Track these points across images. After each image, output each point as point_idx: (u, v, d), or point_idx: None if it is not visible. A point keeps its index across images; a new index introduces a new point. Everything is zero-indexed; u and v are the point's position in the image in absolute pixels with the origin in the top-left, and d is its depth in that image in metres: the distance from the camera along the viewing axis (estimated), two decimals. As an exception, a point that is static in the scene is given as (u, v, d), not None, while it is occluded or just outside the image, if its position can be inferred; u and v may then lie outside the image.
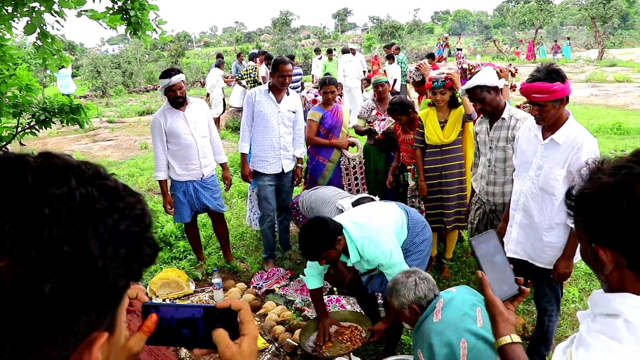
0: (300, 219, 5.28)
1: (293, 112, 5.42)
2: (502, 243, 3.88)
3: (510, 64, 5.30)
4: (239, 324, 1.02)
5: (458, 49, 27.85)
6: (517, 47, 36.05)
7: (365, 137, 6.25)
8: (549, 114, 3.15)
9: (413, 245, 3.87)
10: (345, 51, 15.67)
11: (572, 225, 3.23)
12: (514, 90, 5.08)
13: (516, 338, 1.62)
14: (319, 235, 3.46)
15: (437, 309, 2.81)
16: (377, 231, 3.63)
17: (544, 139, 3.26)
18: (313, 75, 14.58)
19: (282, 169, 5.47)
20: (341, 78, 14.10)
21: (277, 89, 5.28)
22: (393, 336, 3.92)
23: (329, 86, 5.67)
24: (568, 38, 37.46)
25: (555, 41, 32.01)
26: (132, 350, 0.97)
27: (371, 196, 4.65)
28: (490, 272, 1.68)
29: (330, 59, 15.98)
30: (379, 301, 4.49)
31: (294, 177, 5.65)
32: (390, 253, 3.56)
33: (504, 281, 1.70)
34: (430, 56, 14.25)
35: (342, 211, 4.38)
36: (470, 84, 4.03)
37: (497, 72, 4.57)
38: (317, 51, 17.17)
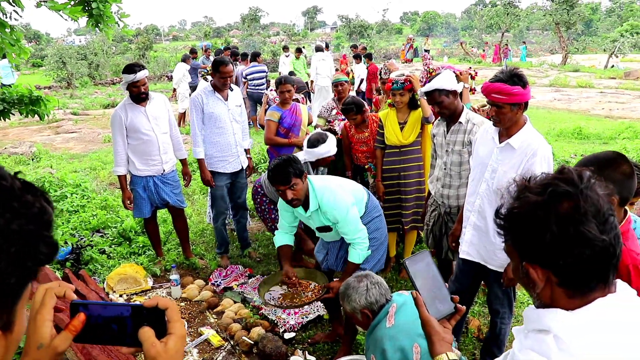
0: (266, 207, 5.28)
1: (239, 106, 5.49)
2: (451, 252, 3.95)
3: (470, 67, 5.36)
4: (167, 322, 1.03)
5: (425, 51, 28.05)
6: (484, 50, 36.51)
7: None
8: (506, 116, 3.19)
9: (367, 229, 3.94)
10: (319, 49, 15.49)
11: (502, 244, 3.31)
12: (473, 94, 5.15)
13: (453, 356, 1.63)
14: (290, 164, 3.64)
15: (390, 314, 2.83)
16: (338, 186, 3.83)
17: (500, 143, 3.31)
18: (280, 73, 14.49)
19: (242, 166, 5.52)
20: (314, 76, 14.01)
21: (219, 87, 5.30)
22: (349, 336, 3.96)
23: (285, 85, 5.68)
24: (524, 42, 38.01)
25: (506, 44, 32.36)
26: (57, 349, 0.97)
27: None
28: (424, 292, 1.71)
29: (297, 58, 15.89)
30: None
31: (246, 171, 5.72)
32: (347, 209, 3.68)
33: (439, 300, 1.72)
34: (368, 56, 14.43)
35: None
36: (428, 87, 4.07)
37: (456, 75, 4.63)
38: (286, 49, 17.02)
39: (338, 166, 5.66)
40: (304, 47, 19.32)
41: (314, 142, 4.83)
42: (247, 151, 5.65)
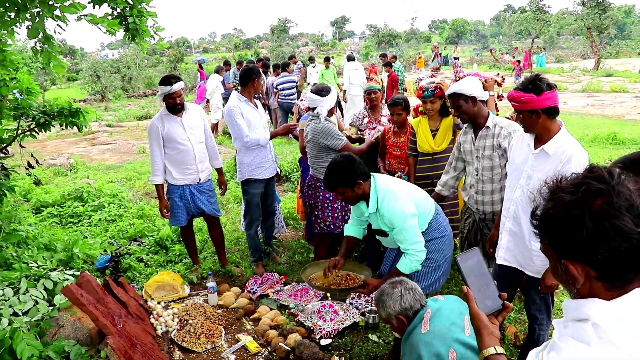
0: (320, 203, 5.26)
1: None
2: (487, 258, 3.95)
3: (498, 74, 5.35)
4: None
5: (455, 58, 27.91)
6: (513, 57, 36.20)
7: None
8: (526, 122, 3.21)
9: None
10: (350, 58, 15.54)
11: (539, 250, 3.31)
12: (501, 100, 5.13)
13: (500, 349, 1.70)
14: (342, 171, 3.63)
15: (425, 320, 2.82)
16: (405, 192, 3.72)
17: (535, 149, 3.30)
18: (308, 84, 14.51)
19: (277, 171, 5.78)
20: (346, 85, 14.09)
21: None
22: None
23: None
24: (544, 48, 37.49)
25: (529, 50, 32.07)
26: None
27: None
28: (474, 288, 1.78)
29: (327, 67, 15.98)
30: (367, 308, 4.61)
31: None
32: (405, 217, 3.60)
33: (488, 296, 1.79)
34: (388, 65, 14.53)
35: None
36: (449, 91, 4.15)
37: (482, 83, 4.64)
38: (312, 60, 17.06)
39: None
40: (332, 56, 19.34)
41: (325, 91, 5.11)
42: (219, 170, 5.76)
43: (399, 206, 3.62)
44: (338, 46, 66.01)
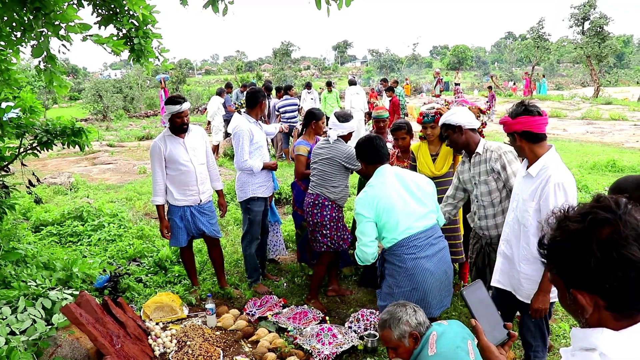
0: (327, 222, 5.24)
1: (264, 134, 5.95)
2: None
3: (488, 101, 5.39)
4: None
5: (456, 84, 28.10)
6: (514, 84, 36.43)
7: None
8: (512, 145, 3.48)
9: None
10: (352, 82, 15.61)
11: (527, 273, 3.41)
12: (484, 127, 5.16)
13: None
14: (363, 148, 4.03)
15: (432, 342, 2.82)
16: (375, 196, 3.75)
17: (524, 173, 3.42)
18: (302, 108, 14.37)
19: (275, 189, 5.95)
20: (348, 109, 14.18)
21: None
22: None
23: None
24: (543, 75, 37.81)
25: (529, 76, 32.33)
26: None
27: None
28: (482, 320, 1.80)
29: (329, 91, 16.05)
30: (367, 332, 4.59)
31: None
32: (357, 210, 3.78)
33: (494, 327, 1.81)
34: (390, 90, 14.65)
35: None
36: (440, 121, 4.26)
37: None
38: (308, 86, 16.88)
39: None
40: (334, 82, 19.40)
41: (343, 117, 5.22)
42: (219, 192, 5.79)
43: (359, 199, 3.80)
44: (340, 70, 66.56)
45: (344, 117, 5.23)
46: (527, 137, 3.30)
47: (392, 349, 3.03)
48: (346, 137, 5.28)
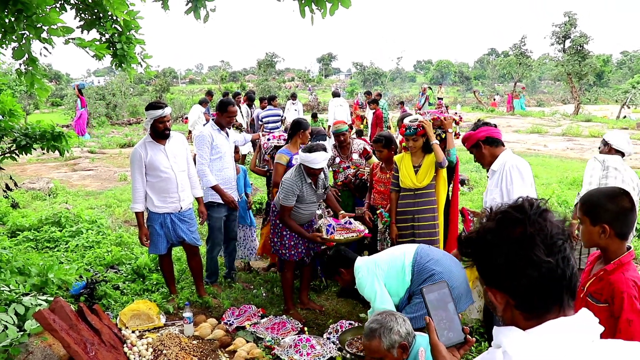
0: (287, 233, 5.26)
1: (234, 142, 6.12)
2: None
3: (456, 112, 5.48)
4: None
5: (439, 98, 28.31)
6: (494, 99, 36.75)
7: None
8: (477, 158, 4.26)
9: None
10: (335, 94, 15.62)
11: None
12: (457, 138, 5.23)
13: None
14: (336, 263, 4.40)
15: (421, 357, 2.81)
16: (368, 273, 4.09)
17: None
18: (285, 119, 14.23)
19: (238, 197, 6.02)
20: (331, 121, 14.19)
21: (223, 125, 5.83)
22: None
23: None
24: (523, 88, 38.25)
25: (512, 92, 32.80)
26: None
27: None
28: (437, 318, 1.81)
29: (314, 122, 16.02)
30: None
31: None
32: (374, 295, 3.99)
33: (450, 328, 1.82)
34: (374, 102, 14.74)
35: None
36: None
37: (440, 121, 5.09)
38: (293, 96, 16.79)
39: (343, 203, 5.85)
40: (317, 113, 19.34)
41: (309, 148, 4.90)
42: (199, 200, 5.72)
43: (367, 289, 4.12)
44: (324, 82, 66.70)
45: (307, 149, 4.91)
46: (489, 143, 4.07)
47: (377, 359, 2.98)
48: (313, 171, 4.93)
